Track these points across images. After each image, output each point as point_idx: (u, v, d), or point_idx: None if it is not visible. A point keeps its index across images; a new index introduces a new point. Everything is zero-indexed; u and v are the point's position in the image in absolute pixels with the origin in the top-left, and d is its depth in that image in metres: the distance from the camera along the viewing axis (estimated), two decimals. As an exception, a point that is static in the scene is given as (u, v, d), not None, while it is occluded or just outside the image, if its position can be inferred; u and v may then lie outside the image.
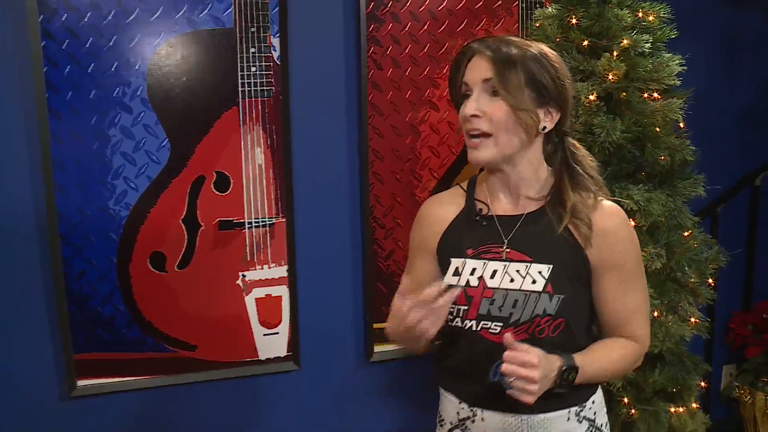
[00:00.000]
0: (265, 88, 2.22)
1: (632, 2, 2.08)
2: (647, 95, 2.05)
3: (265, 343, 2.32)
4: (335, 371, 2.44)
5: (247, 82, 2.20)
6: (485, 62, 1.37)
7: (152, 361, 2.23)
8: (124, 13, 2.08)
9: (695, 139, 2.14)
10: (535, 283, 1.37)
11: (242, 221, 2.25)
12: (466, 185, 1.52)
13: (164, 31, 2.12)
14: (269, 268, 2.30)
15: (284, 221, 2.29)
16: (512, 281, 1.38)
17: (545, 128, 1.40)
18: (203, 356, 2.27)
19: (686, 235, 2.12)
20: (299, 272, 2.33)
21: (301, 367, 2.37)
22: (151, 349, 2.22)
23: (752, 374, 2.93)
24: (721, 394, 3.06)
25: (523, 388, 1.27)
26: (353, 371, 2.46)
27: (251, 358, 2.32)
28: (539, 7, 2.39)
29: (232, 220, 2.24)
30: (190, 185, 2.19)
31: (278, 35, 2.21)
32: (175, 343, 2.24)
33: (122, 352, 2.20)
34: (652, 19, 2.08)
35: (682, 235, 2.11)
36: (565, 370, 1.33)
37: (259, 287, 2.29)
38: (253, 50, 2.19)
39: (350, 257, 2.40)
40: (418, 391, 2.44)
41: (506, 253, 1.40)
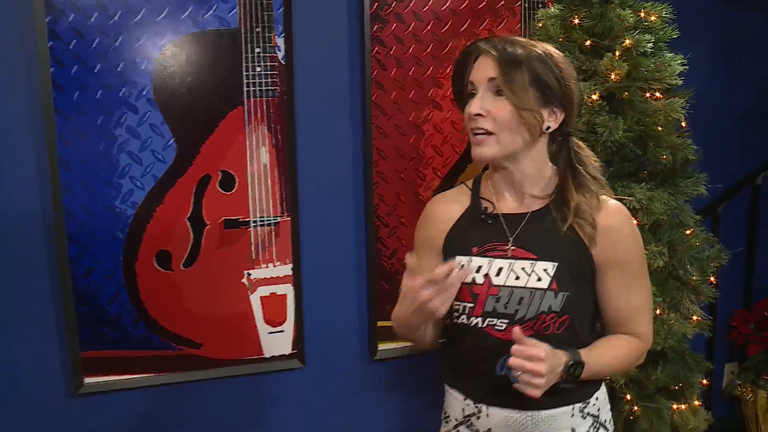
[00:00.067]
0: (269, 88, 2.23)
1: (634, 2, 2.09)
2: (649, 95, 2.06)
3: (270, 340, 2.34)
4: (340, 369, 2.45)
5: (252, 82, 2.21)
6: (490, 62, 1.38)
7: (158, 358, 2.24)
8: (130, 13, 2.09)
9: (696, 138, 2.14)
10: (540, 280, 1.38)
11: (247, 220, 2.26)
12: (471, 184, 1.53)
13: (170, 31, 2.13)
14: (274, 266, 2.31)
15: (289, 220, 2.30)
16: (518, 279, 1.39)
17: (549, 128, 1.41)
18: (209, 354, 2.28)
19: (688, 233, 2.13)
20: (304, 270, 2.34)
21: (305, 364, 2.39)
22: (157, 346, 2.23)
23: (753, 372, 2.94)
24: (722, 392, 3.07)
25: (529, 381, 1.27)
26: (357, 369, 2.47)
27: (256, 355, 2.33)
28: (542, 7, 2.40)
29: (237, 218, 2.25)
30: (195, 184, 2.20)
31: (283, 35, 2.22)
32: (180, 341, 2.25)
33: (128, 349, 2.21)
34: (654, 19, 2.08)
35: (683, 233, 2.12)
36: (571, 365, 1.34)
37: (264, 285, 2.31)
38: (258, 50, 2.21)
39: (354, 256, 2.41)
40: (421, 388, 2.45)
41: (511, 251, 1.41)
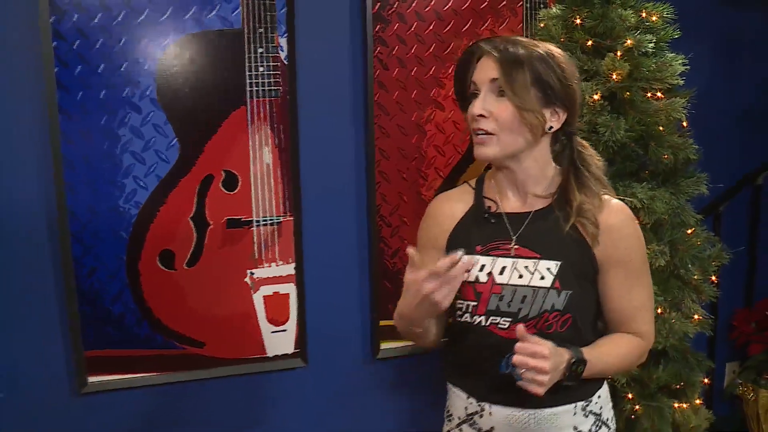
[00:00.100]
0: (272, 87, 2.24)
1: (636, 2, 2.09)
2: (651, 95, 2.06)
3: (272, 340, 2.34)
4: (342, 368, 2.46)
5: (255, 82, 2.22)
6: (492, 62, 1.39)
7: (161, 357, 2.25)
8: (133, 14, 2.10)
9: (696, 138, 2.14)
10: (543, 279, 1.39)
11: (250, 219, 2.27)
12: (474, 183, 1.53)
13: (173, 31, 2.14)
14: (277, 265, 2.32)
15: (291, 219, 2.31)
16: (521, 277, 1.40)
17: (551, 128, 1.42)
18: (211, 353, 2.29)
19: (689, 232, 2.14)
20: (306, 270, 2.34)
21: (308, 363, 2.39)
22: (160, 346, 2.24)
23: (755, 371, 2.94)
24: (724, 391, 3.07)
25: (533, 378, 1.28)
26: (360, 368, 2.48)
27: (259, 354, 2.34)
28: (544, 7, 2.40)
29: (240, 218, 2.26)
30: (198, 184, 2.21)
31: (286, 35, 2.23)
32: (183, 340, 2.26)
33: (132, 349, 2.22)
34: (655, 19, 2.09)
35: (685, 232, 2.13)
36: (573, 362, 1.35)
37: (266, 285, 2.31)
38: (260, 50, 2.21)
39: (357, 255, 2.42)
40: (424, 387, 2.45)
41: (514, 249, 1.42)
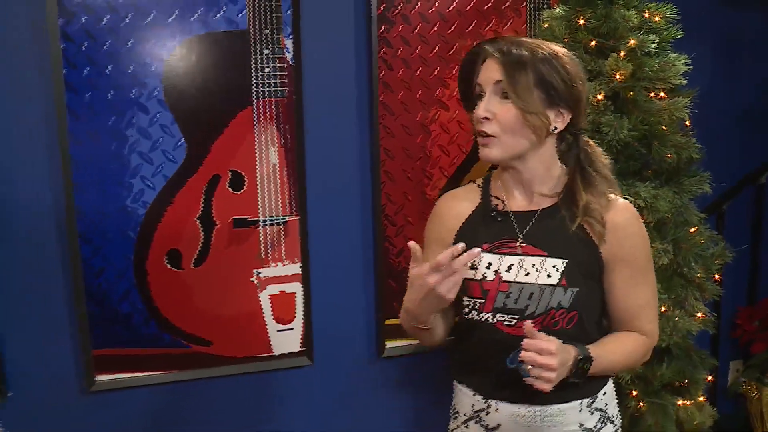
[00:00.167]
0: (278, 88, 2.26)
1: (639, 3, 2.10)
2: (654, 94, 2.08)
3: (278, 338, 2.36)
4: (348, 366, 2.47)
5: (261, 82, 2.24)
6: (496, 64, 1.40)
7: (169, 356, 2.26)
8: (140, 15, 2.11)
9: (697, 138, 2.15)
10: (550, 276, 1.40)
11: (256, 219, 2.29)
12: (481, 182, 1.54)
13: (180, 33, 2.15)
14: (283, 265, 2.33)
15: (297, 219, 2.33)
16: (527, 275, 1.41)
17: (556, 129, 1.42)
18: (218, 352, 2.31)
19: (692, 231, 2.15)
20: (312, 269, 2.36)
21: (314, 362, 2.41)
22: (167, 344, 2.26)
23: (758, 370, 2.95)
24: (727, 389, 3.07)
25: (540, 375, 1.29)
26: (365, 366, 2.49)
27: (265, 353, 2.35)
28: (547, 8, 2.42)
29: (246, 218, 2.28)
30: (205, 184, 2.23)
31: (291, 37, 2.25)
32: (191, 338, 2.28)
33: (139, 347, 2.23)
34: (658, 19, 2.10)
35: (688, 231, 2.14)
36: (580, 359, 1.36)
37: (273, 284, 2.33)
38: (266, 51, 2.23)
39: (362, 254, 2.43)
40: (429, 385, 2.48)
41: (521, 247, 1.43)
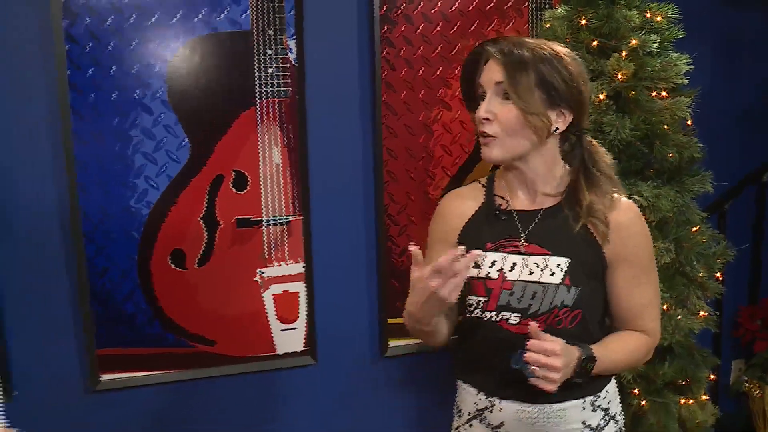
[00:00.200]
0: (281, 88, 2.27)
1: (640, 3, 2.11)
2: (655, 94, 2.08)
3: (282, 338, 2.37)
4: (351, 365, 2.48)
5: (264, 83, 2.25)
6: (497, 65, 1.40)
7: (172, 355, 2.27)
8: (144, 16, 2.12)
9: (698, 138, 2.15)
10: (553, 275, 1.40)
11: (260, 219, 2.30)
12: (485, 181, 1.54)
13: (183, 33, 2.16)
14: (286, 264, 2.34)
15: (301, 219, 2.34)
16: (531, 274, 1.41)
17: (557, 129, 1.42)
18: (222, 351, 2.32)
19: (694, 230, 2.15)
20: (315, 269, 2.37)
21: (317, 361, 2.42)
22: (171, 344, 2.27)
23: (760, 369, 2.95)
24: (730, 388, 3.08)
25: (544, 376, 1.29)
26: (369, 365, 2.50)
27: (269, 352, 2.36)
28: (549, 8, 2.42)
29: (249, 218, 2.29)
30: (209, 184, 2.24)
31: (294, 37, 2.26)
32: (194, 338, 2.29)
33: (143, 347, 2.24)
34: (659, 19, 2.10)
35: (690, 230, 2.14)
36: (583, 360, 1.36)
37: (276, 283, 2.34)
38: (270, 52, 2.24)
39: (365, 254, 2.44)
40: (432, 384, 2.48)
41: (525, 246, 1.43)
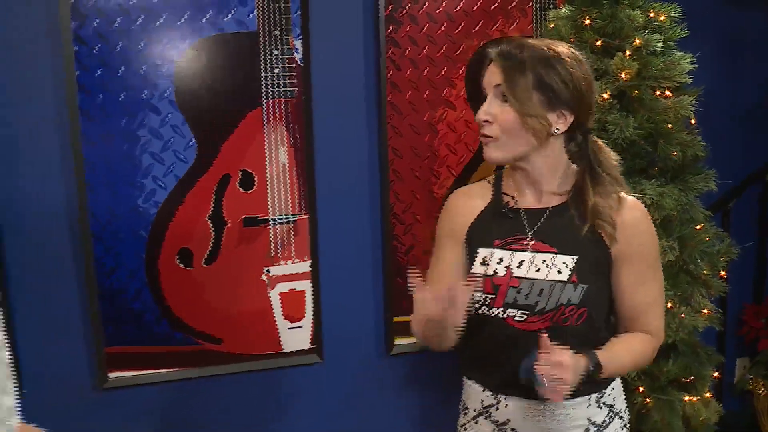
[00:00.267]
0: (288, 88, 2.28)
1: (644, 3, 2.11)
2: (659, 93, 2.09)
3: (288, 336, 2.38)
4: (357, 363, 2.50)
5: (270, 83, 2.26)
6: (496, 68, 1.41)
7: (180, 354, 2.29)
8: (152, 18, 2.14)
9: (702, 136, 2.16)
10: (560, 273, 1.41)
11: (266, 218, 2.31)
12: (493, 179, 1.55)
13: (190, 34, 2.18)
14: (293, 263, 2.36)
15: (307, 218, 2.35)
16: (538, 271, 1.42)
17: (558, 130, 1.42)
18: (229, 349, 2.33)
19: (698, 228, 2.15)
20: (322, 267, 2.38)
21: (324, 359, 2.43)
22: (178, 342, 2.28)
23: (765, 366, 2.95)
24: (734, 386, 3.08)
25: (553, 388, 1.30)
26: (375, 363, 2.52)
27: (275, 351, 2.38)
28: (553, 8, 2.43)
29: (256, 217, 2.30)
30: (216, 183, 2.25)
31: (300, 38, 2.27)
32: (201, 336, 2.30)
33: (151, 345, 2.26)
34: (663, 19, 2.11)
35: (694, 228, 2.15)
36: (591, 369, 1.37)
37: (282, 282, 2.35)
38: (276, 52, 2.26)
39: (371, 252, 2.45)
40: (438, 382, 2.49)
41: (532, 244, 1.44)
